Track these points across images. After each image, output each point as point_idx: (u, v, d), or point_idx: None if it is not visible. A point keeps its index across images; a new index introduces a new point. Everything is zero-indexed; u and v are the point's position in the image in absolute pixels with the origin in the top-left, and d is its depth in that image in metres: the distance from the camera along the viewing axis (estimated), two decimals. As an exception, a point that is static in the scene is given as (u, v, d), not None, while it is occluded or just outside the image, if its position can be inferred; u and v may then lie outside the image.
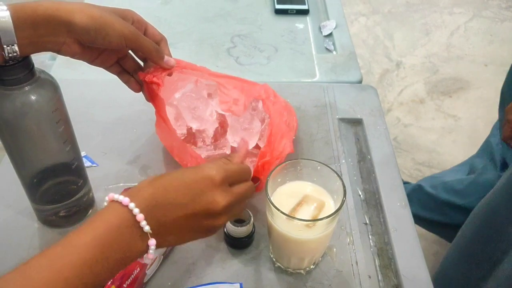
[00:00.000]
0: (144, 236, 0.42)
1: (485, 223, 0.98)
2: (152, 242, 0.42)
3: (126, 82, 0.64)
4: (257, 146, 0.68)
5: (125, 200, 0.41)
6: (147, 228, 0.41)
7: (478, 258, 1.00)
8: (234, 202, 0.47)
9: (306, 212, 0.55)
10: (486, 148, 1.30)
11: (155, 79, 0.61)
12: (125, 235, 0.41)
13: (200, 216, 0.45)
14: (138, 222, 0.41)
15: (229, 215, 0.48)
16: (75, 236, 0.40)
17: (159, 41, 0.62)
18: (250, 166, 0.61)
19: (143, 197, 0.42)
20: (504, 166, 1.20)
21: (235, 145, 0.68)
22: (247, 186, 0.50)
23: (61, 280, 0.37)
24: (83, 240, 0.39)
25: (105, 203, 0.43)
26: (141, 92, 0.66)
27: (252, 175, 0.52)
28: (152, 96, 0.64)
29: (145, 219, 0.41)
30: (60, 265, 0.38)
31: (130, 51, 0.62)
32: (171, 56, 0.64)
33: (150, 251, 0.43)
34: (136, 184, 0.69)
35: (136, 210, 0.41)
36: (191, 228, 0.45)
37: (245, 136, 0.67)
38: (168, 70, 0.63)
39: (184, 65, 0.65)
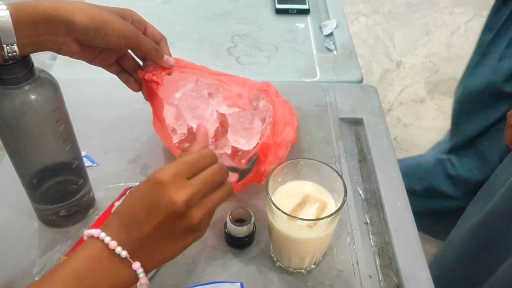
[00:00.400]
0: (125, 262, 0.41)
1: (485, 227, 0.98)
2: (136, 265, 0.41)
3: (125, 82, 0.64)
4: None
5: (96, 232, 0.41)
6: (124, 253, 0.40)
7: (478, 259, 1.00)
8: (198, 193, 0.42)
9: (308, 213, 0.55)
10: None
11: (154, 78, 0.61)
12: (105, 266, 0.40)
13: (168, 222, 0.41)
14: (113, 250, 0.40)
15: (203, 208, 0.43)
16: (53, 275, 0.39)
17: (159, 41, 0.62)
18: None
19: (112, 224, 0.42)
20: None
21: (236, 144, 0.68)
22: (213, 170, 0.44)
23: None
24: (62, 277, 0.39)
25: (85, 238, 0.42)
26: (140, 92, 0.65)
27: (217, 158, 0.46)
28: (150, 95, 0.64)
29: (119, 245, 0.40)
30: None
31: (129, 51, 0.62)
32: (170, 56, 0.63)
33: (140, 275, 0.41)
34: (137, 183, 0.69)
35: (107, 239, 0.40)
36: (170, 237, 0.42)
37: (246, 135, 0.67)
38: (167, 69, 0.63)
39: (184, 64, 0.65)
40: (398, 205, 0.68)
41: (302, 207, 0.56)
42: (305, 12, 1.09)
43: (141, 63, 0.65)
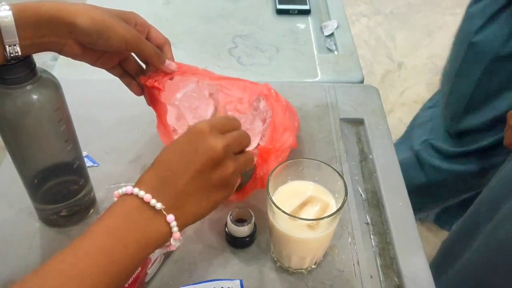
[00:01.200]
0: (160, 215, 0.42)
1: (468, 218, 1.02)
2: (170, 217, 0.42)
3: (128, 85, 0.64)
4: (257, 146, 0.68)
5: (128, 189, 0.42)
6: (158, 205, 0.41)
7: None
8: (232, 144, 0.46)
9: (309, 213, 0.55)
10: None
11: (156, 84, 0.61)
12: (137, 219, 0.41)
13: (205, 170, 0.44)
14: (148, 203, 0.41)
15: (235, 161, 0.46)
16: (86, 232, 0.41)
17: (162, 45, 0.62)
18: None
19: (145, 180, 0.43)
20: None
21: None
22: (241, 131, 0.49)
23: (76, 272, 0.38)
24: (94, 231, 0.40)
25: (115, 199, 0.44)
26: (143, 95, 0.65)
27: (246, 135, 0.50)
28: (152, 101, 0.64)
29: (154, 197, 0.41)
30: (74, 258, 0.39)
31: (132, 54, 0.62)
32: (173, 60, 0.63)
33: (174, 229, 0.42)
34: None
35: (141, 193, 0.41)
36: (205, 188, 0.44)
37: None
38: (169, 74, 0.63)
39: (185, 69, 0.65)
40: (399, 205, 0.68)
41: (304, 207, 0.56)
42: (306, 12, 1.09)
43: (144, 66, 0.64)
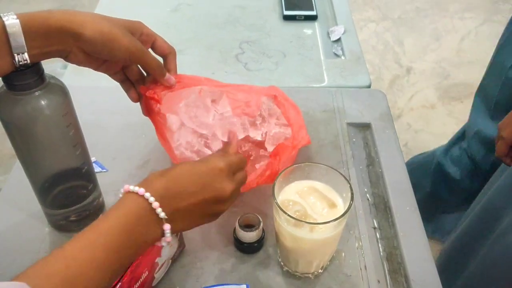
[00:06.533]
0: (159, 222, 0.47)
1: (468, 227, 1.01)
2: (166, 226, 0.47)
3: (126, 91, 0.65)
4: (263, 148, 0.68)
5: (140, 190, 0.46)
6: (162, 214, 0.46)
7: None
8: (238, 188, 0.53)
9: (317, 212, 0.55)
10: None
11: (155, 96, 0.62)
12: (144, 222, 0.46)
13: (209, 202, 0.50)
14: (154, 209, 0.46)
15: (233, 200, 0.53)
16: (102, 223, 0.44)
17: (167, 54, 0.63)
18: (259, 170, 0.62)
19: (156, 187, 0.47)
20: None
21: (224, 140, 0.67)
22: (245, 173, 0.56)
23: (95, 260, 0.42)
24: (110, 227, 0.44)
25: (121, 194, 0.47)
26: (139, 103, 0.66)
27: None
28: (149, 111, 0.65)
29: (160, 206, 0.46)
30: (93, 247, 0.42)
31: None
32: (176, 70, 0.64)
33: (167, 234, 0.47)
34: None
35: (152, 199, 0.45)
36: (201, 214, 0.50)
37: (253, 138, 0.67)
38: (169, 87, 0.63)
39: (187, 82, 0.65)
40: (407, 209, 0.67)
41: (309, 198, 0.57)
42: (313, 18, 1.10)
43: (145, 73, 0.65)
